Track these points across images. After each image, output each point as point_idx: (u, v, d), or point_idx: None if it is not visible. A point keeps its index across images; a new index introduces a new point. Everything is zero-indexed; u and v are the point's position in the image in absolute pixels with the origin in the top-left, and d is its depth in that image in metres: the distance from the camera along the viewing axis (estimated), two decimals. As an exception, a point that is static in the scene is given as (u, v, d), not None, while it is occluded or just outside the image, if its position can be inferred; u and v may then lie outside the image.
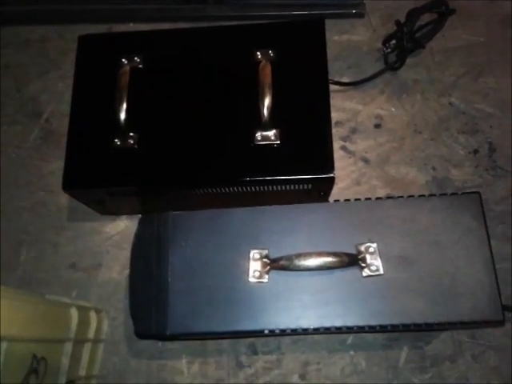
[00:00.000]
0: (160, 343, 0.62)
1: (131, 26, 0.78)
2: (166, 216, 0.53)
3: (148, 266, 0.51)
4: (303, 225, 0.51)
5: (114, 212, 0.67)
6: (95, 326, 0.59)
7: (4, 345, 0.42)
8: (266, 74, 0.57)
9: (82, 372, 0.57)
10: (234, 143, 0.57)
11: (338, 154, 0.69)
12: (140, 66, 0.61)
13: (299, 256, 0.47)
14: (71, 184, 0.58)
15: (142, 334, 0.51)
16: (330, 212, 0.51)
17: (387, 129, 0.71)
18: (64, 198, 0.69)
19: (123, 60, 0.60)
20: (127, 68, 0.59)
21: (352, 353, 0.60)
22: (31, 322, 0.47)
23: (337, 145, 0.70)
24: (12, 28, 0.80)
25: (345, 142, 0.71)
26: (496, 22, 0.76)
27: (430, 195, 0.52)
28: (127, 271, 0.65)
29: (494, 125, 0.70)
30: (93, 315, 0.60)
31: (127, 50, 0.61)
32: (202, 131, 0.58)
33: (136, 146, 0.58)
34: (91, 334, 0.59)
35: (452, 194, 0.51)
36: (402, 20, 0.71)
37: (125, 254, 0.66)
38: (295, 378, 0.60)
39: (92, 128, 0.59)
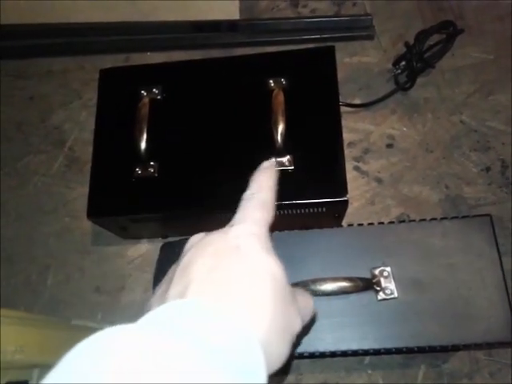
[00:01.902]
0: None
1: (148, 55, 0.81)
2: (185, 242, 0.55)
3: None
4: (318, 250, 0.52)
5: (136, 236, 0.70)
6: (120, 348, 0.61)
7: (36, 372, 0.44)
8: (279, 102, 0.59)
9: (109, 393, 0.59)
10: (250, 169, 0.59)
11: (351, 174, 0.71)
12: (158, 97, 0.63)
13: (315, 281, 0.49)
14: (96, 212, 0.60)
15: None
16: (344, 237, 0.53)
17: (399, 148, 0.72)
18: (88, 224, 0.71)
19: (142, 92, 0.63)
20: (146, 100, 0.62)
21: (370, 372, 0.61)
22: (60, 349, 0.49)
23: (350, 165, 0.71)
24: (35, 60, 0.84)
25: (358, 162, 0.72)
26: (505, 40, 0.77)
27: (442, 218, 0.53)
28: (150, 293, 0.67)
29: (506, 142, 0.71)
30: (117, 337, 0.62)
31: (146, 81, 0.64)
32: (218, 158, 0.61)
33: (156, 175, 0.60)
34: (116, 356, 0.61)
35: (464, 216, 0.52)
36: (411, 41, 0.73)
37: (147, 277, 0.68)
38: (314, 397, 0.61)
39: (114, 158, 0.62)
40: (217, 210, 0.60)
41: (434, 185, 0.69)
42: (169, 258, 0.55)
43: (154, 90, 0.63)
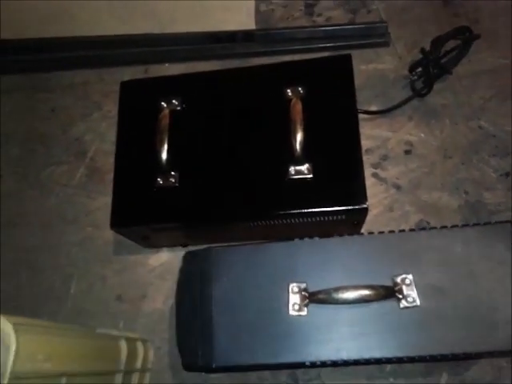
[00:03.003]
0: (203, 373, 0.64)
1: (166, 67, 0.83)
2: (208, 251, 0.56)
3: (193, 300, 0.54)
4: (339, 258, 0.53)
5: (157, 245, 0.71)
6: (142, 356, 0.62)
7: (64, 380, 0.45)
8: (297, 111, 0.59)
9: (131, 401, 0.60)
10: (269, 178, 0.60)
11: (369, 181, 0.71)
12: (178, 108, 0.64)
13: (337, 289, 0.49)
14: (118, 223, 0.61)
15: (189, 368, 0.54)
16: (365, 245, 0.53)
17: (417, 154, 0.72)
18: (110, 233, 0.72)
19: (162, 103, 0.64)
20: (167, 111, 0.63)
21: (391, 380, 0.61)
22: (86, 357, 0.50)
23: (368, 172, 0.72)
24: (56, 73, 0.85)
25: (376, 169, 0.72)
26: (522, 44, 0.76)
27: (463, 225, 0.53)
28: (170, 301, 0.68)
29: (524, 147, 0.70)
30: (140, 345, 0.62)
31: (165, 93, 0.65)
32: (238, 168, 0.61)
33: (177, 184, 0.61)
34: (139, 364, 0.61)
35: (484, 223, 0.52)
36: (427, 47, 0.73)
37: (168, 285, 0.69)
38: (336, 405, 0.61)
39: (136, 169, 0.63)
40: (236, 219, 0.61)
41: (453, 191, 0.69)
42: (191, 266, 0.56)
43: (174, 101, 0.64)
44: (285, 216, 0.59)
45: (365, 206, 0.57)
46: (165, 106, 0.64)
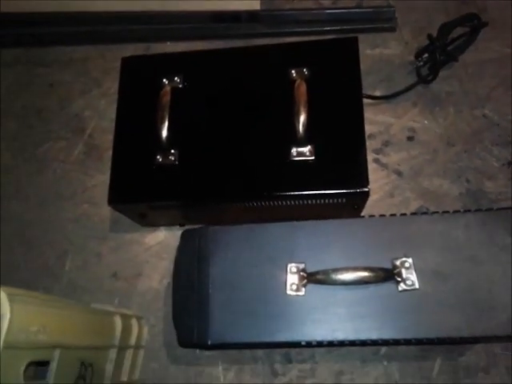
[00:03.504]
0: (198, 350, 0.64)
1: (168, 45, 0.81)
2: (206, 230, 0.55)
3: (190, 278, 0.54)
4: (339, 239, 0.52)
5: (154, 223, 0.70)
6: (136, 333, 0.62)
7: (57, 352, 0.45)
8: (301, 92, 0.58)
9: (124, 377, 0.60)
10: (270, 159, 0.59)
11: (371, 166, 0.69)
12: (180, 85, 0.63)
13: (336, 270, 0.49)
14: (116, 199, 0.61)
15: (184, 344, 0.54)
16: (365, 227, 0.53)
17: (420, 141, 0.72)
18: (107, 210, 0.72)
19: (164, 80, 0.63)
20: (168, 88, 0.62)
21: (385, 363, 0.61)
22: (80, 330, 0.50)
23: (370, 157, 0.70)
24: (56, 48, 0.84)
25: (378, 154, 0.72)
26: (529, 34, 0.76)
27: (465, 211, 0.52)
28: (166, 280, 0.68)
29: (528, 137, 0.70)
30: (134, 323, 0.62)
31: (167, 70, 0.64)
32: (239, 147, 0.60)
33: (177, 162, 0.60)
34: (133, 340, 0.61)
35: (487, 209, 0.52)
36: (434, 33, 0.72)
37: (164, 264, 0.69)
38: (329, 387, 0.61)
39: (135, 146, 0.62)
40: (235, 199, 0.60)
41: (454, 178, 0.69)
42: (189, 244, 0.55)
43: (176, 78, 0.63)
44: (285, 197, 0.58)
45: (366, 189, 0.56)
46: (166, 83, 0.63)
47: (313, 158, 0.58)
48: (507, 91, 0.73)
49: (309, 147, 0.58)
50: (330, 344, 0.49)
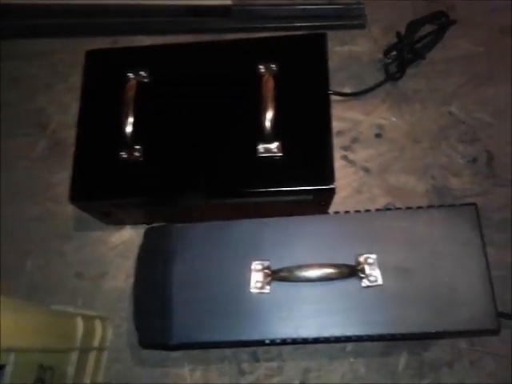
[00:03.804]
0: (163, 351, 0.63)
1: (136, 39, 0.80)
2: (169, 228, 0.54)
3: (152, 276, 0.53)
4: (304, 236, 0.52)
5: (119, 222, 0.68)
6: (100, 335, 0.60)
7: (12, 356, 0.43)
8: (269, 88, 0.58)
9: (87, 380, 0.58)
10: (237, 155, 0.59)
11: (339, 163, 0.70)
12: (146, 80, 0.62)
13: (300, 267, 0.49)
14: (78, 197, 0.59)
15: (146, 344, 0.52)
16: (330, 224, 0.52)
17: (388, 138, 0.72)
18: (70, 209, 0.70)
19: (129, 74, 0.61)
20: (133, 82, 0.60)
21: (352, 360, 0.61)
22: (38, 333, 0.48)
23: (338, 154, 0.71)
24: (20, 41, 0.82)
25: (346, 151, 0.72)
26: (496, 32, 0.76)
27: (429, 207, 0.53)
28: (132, 280, 0.66)
29: (492, 134, 0.71)
30: (98, 324, 0.61)
31: (133, 64, 0.62)
32: (205, 144, 0.60)
33: (141, 159, 0.59)
34: (96, 342, 0.60)
35: (450, 205, 0.53)
36: (403, 31, 0.73)
37: (129, 264, 0.67)
38: (296, 384, 0.61)
39: (98, 141, 0.61)
40: (201, 196, 0.59)
41: (420, 175, 0.69)
42: (152, 242, 0.54)
43: (142, 72, 0.62)
44: (252, 194, 0.57)
45: (332, 186, 0.56)
46: (132, 77, 0.62)
47: (280, 154, 0.57)
48: (474, 89, 0.74)
49: (276, 144, 0.58)
50: (294, 342, 0.49)
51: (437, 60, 0.75)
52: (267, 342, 0.49)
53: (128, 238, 0.69)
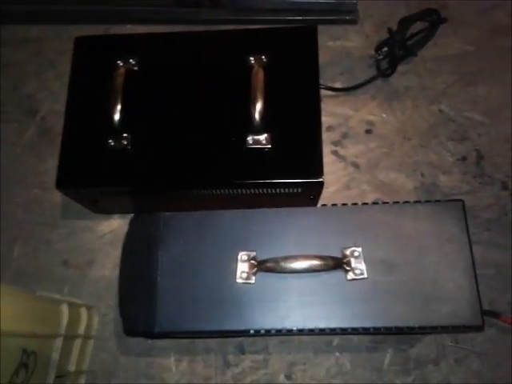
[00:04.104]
0: (149, 341, 0.63)
1: (128, 28, 0.79)
2: (156, 216, 0.54)
3: (138, 264, 0.52)
4: (291, 228, 0.52)
5: (108, 211, 0.68)
6: (86, 323, 0.60)
7: (-5, 340, 0.43)
8: (258, 79, 0.58)
9: (72, 367, 0.58)
10: (226, 146, 0.59)
11: (329, 158, 0.70)
12: (135, 68, 0.62)
13: (286, 258, 0.49)
14: (65, 183, 0.59)
15: (130, 332, 0.52)
16: (317, 216, 0.53)
17: (378, 134, 0.72)
18: (58, 196, 0.69)
19: (118, 62, 0.61)
20: (122, 70, 0.60)
21: (337, 354, 0.62)
22: (22, 318, 0.48)
23: (328, 149, 0.71)
24: (10, 27, 0.81)
25: (336, 146, 0.72)
26: (487, 31, 0.77)
27: (415, 202, 0.53)
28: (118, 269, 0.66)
29: (482, 133, 0.71)
30: (83, 312, 0.61)
31: (123, 52, 0.62)
32: (194, 133, 0.59)
33: (129, 147, 0.59)
34: (81, 330, 0.60)
35: (436, 200, 0.53)
36: (395, 27, 0.73)
37: (117, 253, 0.66)
38: (281, 377, 0.61)
39: (86, 128, 0.60)
40: (189, 186, 0.59)
41: (409, 172, 0.70)
42: (138, 231, 0.54)
43: (131, 60, 0.62)
44: (240, 185, 0.57)
45: (321, 179, 0.56)
46: (121, 65, 0.61)
47: (269, 146, 0.58)
48: (464, 88, 0.74)
49: (265, 135, 0.58)
50: (279, 333, 0.49)
51: (428, 58, 0.76)
52: (252, 332, 0.49)
53: (116, 226, 0.69)
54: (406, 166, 0.70)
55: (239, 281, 0.50)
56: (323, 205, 0.54)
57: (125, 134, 0.59)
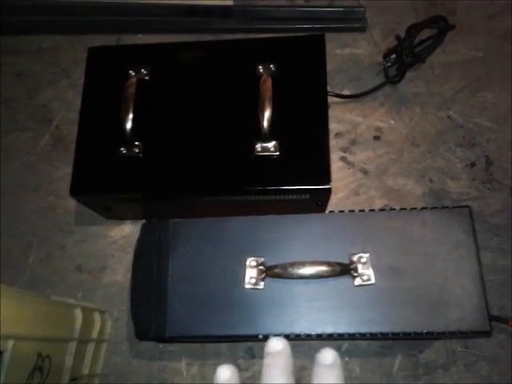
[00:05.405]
0: (161, 345, 0.64)
1: (139, 37, 0.81)
2: (167, 223, 0.55)
3: (149, 270, 0.54)
4: (299, 234, 0.53)
5: (120, 217, 0.70)
6: (99, 327, 0.61)
7: (11, 343, 0.44)
8: (267, 87, 0.59)
9: (85, 371, 0.59)
10: (235, 154, 0.60)
11: (337, 164, 0.71)
12: (146, 77, 0.63)
13: (293, 264, 0.49)
14: (78, 190, 0.60)
15: (141, 336, 0.53)
16: (324, 222, 0.53)
17: (386, 141, 0.73)
18: (72, 203, 0.71)
19: (130, 72, 0.63)
20: (134, 79, 0.61)
21: (347, 359, 0.62)
22: (37, 322, 0.49)
23: (336, 156, 0.72)
24: (25, 37, 0.83)
25: (344, 153, 0.72)
26: (495, 38, 0.77)
27: (422, 208, 0.53)
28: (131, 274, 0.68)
29: (491, 139, 0.71)
30: (97, 316, 0.62)
31: (134, 62, 0.64)
32: (204, 141, 0.60)
33: (141, 155, 0.60)
34: (95, 334, 0.61)
35: (443, 207, 0.53)
36: (403, 34, 0.73)
37: (129, 258, 0.68)
38: (290, 382, 0.62)
39: (99, 136, 0.62)
40: (199, 193, 0.60)
41: (418, 178, 0.70)
42: (149, 237, 0.55)
43: (143, 70, 0.63)
44: (249, 192, 0.58)
45: (328, 186, 0.57)
46: (133, 74, 0.63)
47: (277, 153, 0.58)
48: (472, 94, 0.74)
49: (274, 143, 0.59)
50: (287, 338, 0.49)
51: (436, 64, 0.76)
52: (260, 337, 0.50)
53: (128, 232, 0.70)
54: (414, 172, 0.70)
55: (248, 286, 0.51)
56: (331, 211, 0.55)
57: (136, 142, 0.60)
